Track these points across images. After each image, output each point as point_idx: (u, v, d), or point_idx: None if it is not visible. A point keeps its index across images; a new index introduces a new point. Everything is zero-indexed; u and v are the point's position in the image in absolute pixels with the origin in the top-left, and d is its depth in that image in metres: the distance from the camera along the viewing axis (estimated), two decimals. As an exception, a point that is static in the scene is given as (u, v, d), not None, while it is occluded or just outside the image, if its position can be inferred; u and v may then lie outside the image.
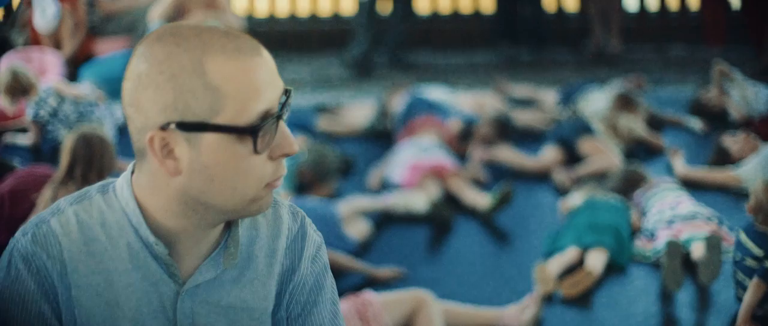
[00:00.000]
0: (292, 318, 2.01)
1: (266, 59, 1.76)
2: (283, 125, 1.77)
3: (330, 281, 2.06)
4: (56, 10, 9.22)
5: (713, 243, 4.81)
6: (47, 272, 1.82)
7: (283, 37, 11.10)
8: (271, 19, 11.07)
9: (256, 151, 1.73)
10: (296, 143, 1.78)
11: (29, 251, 1.82)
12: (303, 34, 11.13)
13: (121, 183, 1.87)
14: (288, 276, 1.99)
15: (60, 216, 1.86)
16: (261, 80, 1.73)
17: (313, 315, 2.01)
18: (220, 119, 1.70)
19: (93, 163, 4.78)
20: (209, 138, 1.71)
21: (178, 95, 1.69)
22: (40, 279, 1.82)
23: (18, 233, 1.86)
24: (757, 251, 4.43)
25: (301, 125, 7.54)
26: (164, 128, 1.71)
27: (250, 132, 1.71)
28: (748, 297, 4.41)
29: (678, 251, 4.86)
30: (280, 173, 1.80)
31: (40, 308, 1.82)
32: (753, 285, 4.40)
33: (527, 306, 4.60)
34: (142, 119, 1.73)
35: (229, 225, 1.90)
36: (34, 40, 9.45)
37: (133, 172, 1.86)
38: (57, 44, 9.48)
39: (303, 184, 6.30)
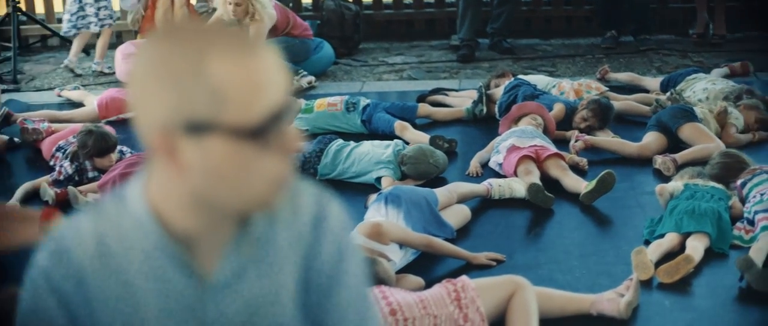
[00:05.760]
0: (315, 301, 1.98)
1: (269, 58, 1.71)
2: (288, 123, 1.74)
3: (356, 264, 2.02)
4: None
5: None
6: (64, 287, 1.84)
7: (387, 24, 11.17)
8: (376, 6, 11.12)
9: (261, 151, 1.70)
10: (301, 140, 1.77)
11: (47, 268, 1.85)
12: (407, 20, 11.18)
13: (133, 190, 1.86)
14: (310, 260, 1.96)
15: (75, 231, 1.87)
16: (264, 80, 1.69)
17: (335, 297, 1.98)
18: (225, 119, 1.66)
19: None
20: (214, 139, 1.68)
21: (181, 96, 1.66)
22: (58, 294, 1.84)
23: (39, 250, 1.87)
24: None
25: (402, 111, 7.61)
26: (168, 129, 1.68)
27: (254, 133, 1.68)
28: None
29: (750, 263, 4.82)
30: (287, 170, 1.78)
31: (60, 322, 1.85)
32: None
33: (624, 292, 4.60)
34: (147, 120, 1.71)
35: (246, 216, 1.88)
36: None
37: (146, 175, 1.86)
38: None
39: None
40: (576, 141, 6.76)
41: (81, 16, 9.69)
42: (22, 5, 10.40)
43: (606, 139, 6.96)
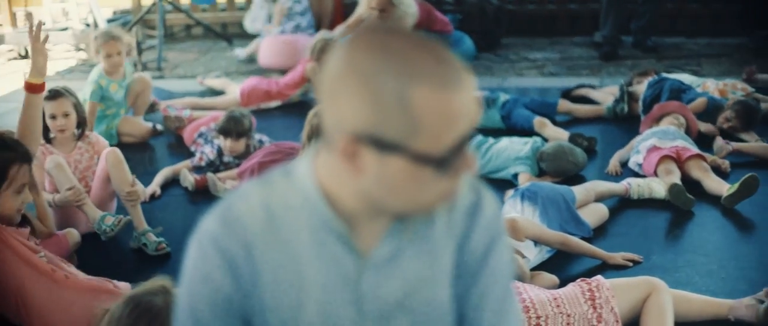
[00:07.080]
0: (463, 285, 2.03)
1: (469, 90, 1.73)
2: (469, 148, 1.78)
3: (503, 254, 2.06)
4: None
5: None
6: (233, 253, 1.90)
7: (531, 19, 11.11)
8: (519, 1, 11.06)
9: (438, 175, 1.74)
10: (475, 163, 1.80)
11: (217, 233, 1.90)
12: (550, 16, 11.10)
13: (303, 166, 1.92)
14: (462, 246, 2.01)
15: (246, 200, 1.92)
16: (459, 113, 1.70)
17: (479, 283, 2.03)
18: (413, 146, 1.69)
19: None
20: (397, 159, 1.71)
21: (378, 111, 1.68)
22: (227, 259, 1.89)
23: (207, 217, 1.93)
24: None
25: (542, 107, 7.57)
26: (355, 136, 1.71)
27: (438, 162, 1.72)
28: None
29: None
30: (458, 187, 1.83)
31: (226, 287, 1.91)
32: None
33: (764, 299, 4.49)
34: (336, 118, 1.73)
35: None
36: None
37: (316, 154, 1.91)
38: (318, 28, 9.82)
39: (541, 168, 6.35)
40: (719, 143, 6.65)
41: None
42: (168, -6, 10.63)
43: (751, 144, 6.81)
